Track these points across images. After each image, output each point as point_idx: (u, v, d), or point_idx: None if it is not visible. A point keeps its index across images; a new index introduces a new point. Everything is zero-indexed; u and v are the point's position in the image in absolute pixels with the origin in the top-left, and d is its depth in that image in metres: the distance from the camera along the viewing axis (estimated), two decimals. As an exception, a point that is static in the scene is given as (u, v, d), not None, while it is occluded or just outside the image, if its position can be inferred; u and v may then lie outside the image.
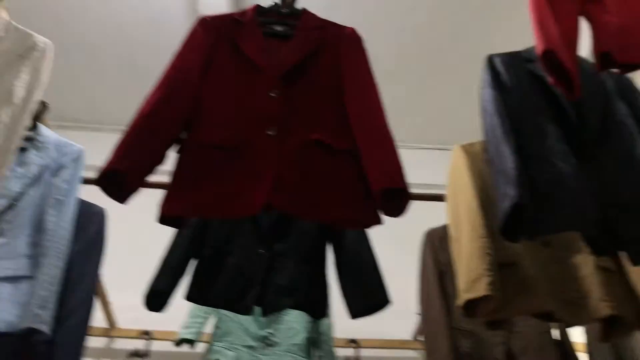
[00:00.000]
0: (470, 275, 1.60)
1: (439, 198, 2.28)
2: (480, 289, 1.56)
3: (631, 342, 2.18)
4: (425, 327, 2.18)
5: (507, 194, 1.35)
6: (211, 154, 1.40)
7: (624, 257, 1.61)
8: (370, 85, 1.58)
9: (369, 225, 1.46)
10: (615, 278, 1.75)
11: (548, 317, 1.68)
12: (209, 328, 2.52)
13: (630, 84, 1.78)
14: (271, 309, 1.75)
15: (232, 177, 1.37)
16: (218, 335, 2.38)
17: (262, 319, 2.36)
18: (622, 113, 1.66)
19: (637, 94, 1.75)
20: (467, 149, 1.92)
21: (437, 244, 2.31)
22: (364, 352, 3.27)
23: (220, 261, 1.79)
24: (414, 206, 2.70)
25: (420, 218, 2.62)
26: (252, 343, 2.37)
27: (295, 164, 1.40)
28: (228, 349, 2.34)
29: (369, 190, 1.40)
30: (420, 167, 3.72)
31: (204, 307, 2.44)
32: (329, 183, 1.40)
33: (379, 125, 1.49)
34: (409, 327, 3.18)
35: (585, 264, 1.76)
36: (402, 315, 2.84)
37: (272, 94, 1.49)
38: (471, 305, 1.63)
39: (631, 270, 1.76)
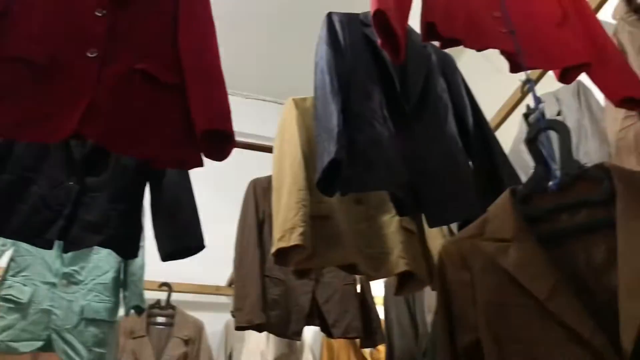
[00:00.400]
0: (285, 225, 1.64)
1: (267, 149, 2.30)
2: (293, 239, 1.61)
3: (421, 295, 2.41)
4: (238, 273, 2.21)
5: (327, 150, 1.39)
6: (17, 68, 1.25)
7: (423, 219, 1.75)
8: (206, 20, 1.51)
9: (189, 166, 1.42)
10: (414, 238, 1.91)
11: (353, 270, 1.79)
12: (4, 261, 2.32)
13: (452, 62, 1.91)
14: (75, 245, 1.64)
15: (40, 98, 1.23)
16: (14, 269, 2.20)
17: (68, 256, 2.23)
18: (441, 88, 1.78)
19: (457, 73, 1.89)
20: (299, 103, 1.95)
21: (260, 194, 2.34)
22: (178, 297, 3.25)
23: (23, 189, 1.63)
24: (243, 155, 2.71)
25: (248, 168, 2.64)
26: (53, 279, 2.23)
27: (114, 93, 1.29)
28: (24, 284, 2.17)
29: (192, 130, 1.35)
30: (254, 117, 3.74)
31: (0, 238, 2.22)
32: (149, 117, 1.32)
33: (210, 64, 1.44)
34: (226, 274, 3.21)
35: (391, 223, 1.89)
36: (219, 262, 2.86)
37: (98, 13, 1.36)
38: (283, 254, 1.67)
39: (428, 232, 1.93)
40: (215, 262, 2.97)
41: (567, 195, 1.04)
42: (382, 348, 3.08)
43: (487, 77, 2.55)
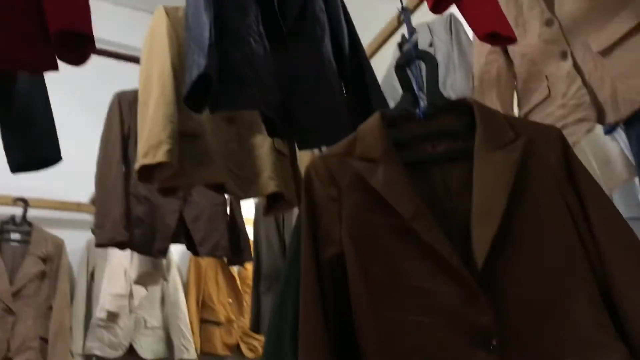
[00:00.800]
0: (151, 141, 1.57)
1: (136, 60, 2.16)
2: (159, 156, 1.54)
3: (290, 216, 2.46)
4: (100, 190, 2.11)
5: (197, 63, 1.32)
6: None
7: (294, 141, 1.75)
8: None
9: (42, 69, 1.29)
10: (285, 160, 1.91)
11: (221, 190, 1.76)
12: None
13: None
14: None
15: None
16: None
17: None
18: (320, 9, 1.75)
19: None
20: (171, 12, 1.82)
21: (125, 108, 2.21)
22: (36, 213, 3.07)
23: None
24: (110, 66, 2.54)
25: (115, 80, 2.48)
26: None
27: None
28: None
29: (46, 30, 1.22)
30: (124, 26, 3.49)
31: None
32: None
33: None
34: (88, 191, 3.05)
35: (263, 144, 1.88)
36: (80, 178, 2.72)
37: None
38: (148, 171, 1.61)
39: (299, 154, 1.94)
40: (76, 177, 2.83)
41: (432, 125, 1.09)
42: (249, 266, 3.14)
43: (367, 4, 2.54)
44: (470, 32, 2.08)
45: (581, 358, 0.83)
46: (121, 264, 2.96)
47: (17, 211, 2.99)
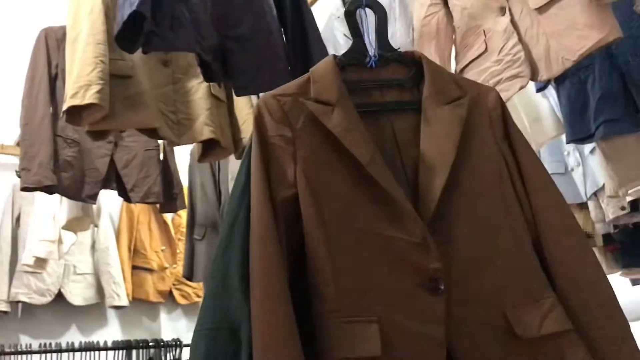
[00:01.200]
0: (80, 82, 1.50)
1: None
2: (88, 97, 1.48)
3: (226, 163, 2.43)
4: (26, 131, 2.01)
5: (129, 0, 1.25)
6: None
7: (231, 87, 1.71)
8: None
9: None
10: (222, 106, 1.87)
11: (154, 134, 1.72)
12: None
13: None
14: None
15: None
16: None
17: None
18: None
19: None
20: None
21: (53, 45, 2.09)
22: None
23: None
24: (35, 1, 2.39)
25: (41, 16, 2.34)
26: None
27: None
28: None
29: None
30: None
31: None
32: None
33: None
34: (13, 132, 2.91)
35: (199, 89, 1.83)
36: (4, 118, 2.60)
37: None
38: (76, 113, 1.54)
39: (236, 101, 1.91)
40: (-1, 118, 2.69)
41: (381, 74, 1.08)
42: (183, 214, 3.11)
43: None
44: (412, -16, 2.07)
45: (518, 302, 0.89)
46: (50, 208, 2.86)
47: None
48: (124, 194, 2.22)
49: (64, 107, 1.52)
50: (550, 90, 2.00)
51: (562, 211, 0.99)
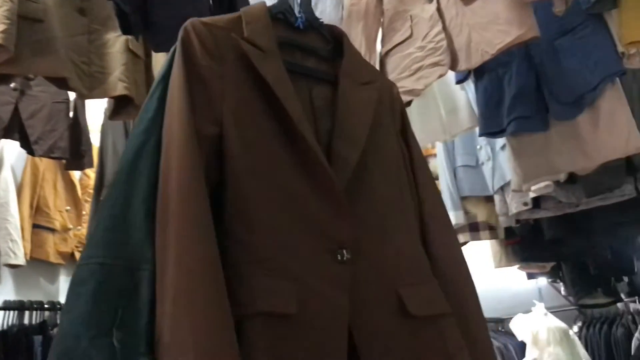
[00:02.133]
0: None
1: None
2: (-8, 36, 1.37)
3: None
4: None
5: None
6: None
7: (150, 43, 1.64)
8: None
9: None
10: (140, 63, 1.80)
11: (64, 85, 1.62)
12: None
13: None
14: None
15: None
16: None
17: None
18: None
19: None
20: None
21: None
22: None
23: None
24: None
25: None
26: None
27: None
28: None
29: None
30: None
31: None
32: None
33: None
34: None
35: (116, 42, 1.74)
36: None
37: None
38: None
39: (155, 58, 1.84)
40: None
41: (305, 38, 1.05)
42: (92, 174, 2.98)
43: None
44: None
45: (414, 278, 0.94)
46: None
47: None
48: (27, 145, 2.09)
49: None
50: (469, 84, 2.06)
51: (443, 207, 1.11)
